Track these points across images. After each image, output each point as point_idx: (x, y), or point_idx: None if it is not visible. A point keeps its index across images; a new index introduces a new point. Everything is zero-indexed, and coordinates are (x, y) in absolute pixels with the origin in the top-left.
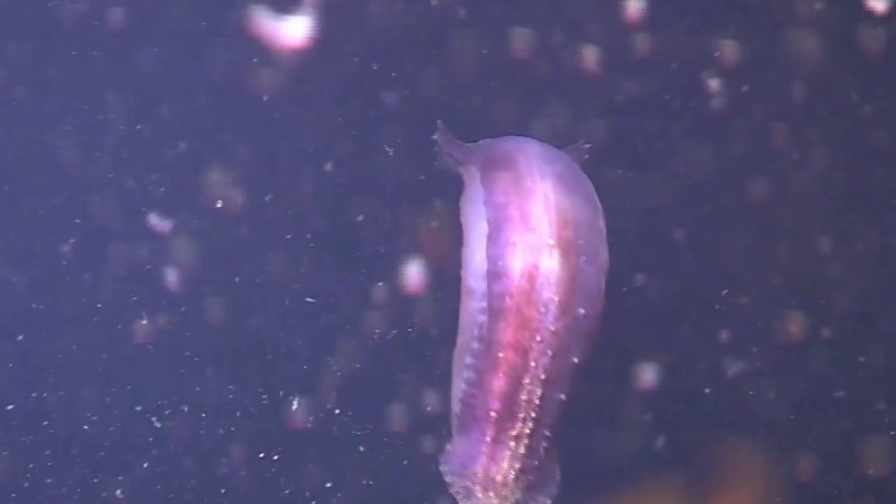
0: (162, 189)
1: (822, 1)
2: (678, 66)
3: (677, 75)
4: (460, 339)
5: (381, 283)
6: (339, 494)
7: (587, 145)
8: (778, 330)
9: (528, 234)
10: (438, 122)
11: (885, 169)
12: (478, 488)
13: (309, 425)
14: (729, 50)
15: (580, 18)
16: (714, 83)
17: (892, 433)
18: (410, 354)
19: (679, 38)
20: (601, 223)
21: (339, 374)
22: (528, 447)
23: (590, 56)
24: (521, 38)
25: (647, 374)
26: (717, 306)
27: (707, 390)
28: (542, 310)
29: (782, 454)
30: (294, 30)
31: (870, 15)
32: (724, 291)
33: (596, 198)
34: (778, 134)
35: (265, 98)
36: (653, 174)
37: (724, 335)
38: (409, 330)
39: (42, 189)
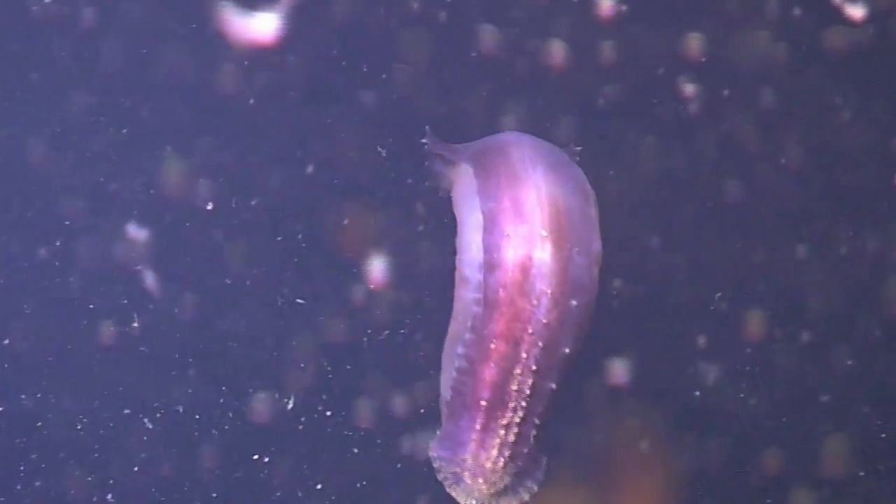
0: (151, 191)
1: (800, 7)
2: (653, 66)
3: (653, 76)
4: (453, 327)
5: (371, 285)
6: (333, 497)
7: (578, 148)
8: (755, 332)
9: (521, 225)
10: (427, 127)
11: (864, 171)
12: (466, 474)
13: (300, 426)
14: (703, 49)
15: (554, 17)
16: (690, 85)
17: (882, 435)
18: (402, 354)
19: (654, 37)
20: (593, 212)
21: (330, 375)
22: (518, 435)
23: (560, 54)
24: (497, 38)
25: (623, 371)
26: (699, 308)
27: (687, 391)
28: (535, 302)
29: (758, 454)
30: (265, 27)
31: (848, 22)
32: (718, 294)
33: (588, 187)
34: (754, 136)
35: (251, 101)
36: (628, 174)
37: (702, 338)
38: (402, 331)
39: (29, 191)
